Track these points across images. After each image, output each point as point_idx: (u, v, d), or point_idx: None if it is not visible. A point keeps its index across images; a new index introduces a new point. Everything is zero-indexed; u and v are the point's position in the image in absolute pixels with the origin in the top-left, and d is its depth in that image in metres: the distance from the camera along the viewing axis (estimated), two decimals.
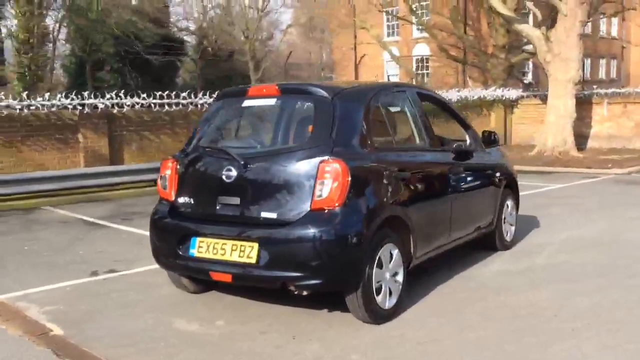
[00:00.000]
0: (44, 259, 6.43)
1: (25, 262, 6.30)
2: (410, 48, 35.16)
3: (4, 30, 30.57)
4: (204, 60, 43.58)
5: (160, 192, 4.68)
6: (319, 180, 3.99)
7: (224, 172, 4.29)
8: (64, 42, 35.35)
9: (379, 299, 4.22)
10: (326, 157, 4.03)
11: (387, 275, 4.31)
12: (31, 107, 11.31)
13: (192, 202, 4.48)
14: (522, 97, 20.32)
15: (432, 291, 4.98)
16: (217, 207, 4.32)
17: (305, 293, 4.22)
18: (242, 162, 4.23)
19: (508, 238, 6.48)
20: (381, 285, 4.26)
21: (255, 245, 4.05)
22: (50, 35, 32.33)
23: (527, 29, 17.55)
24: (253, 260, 4.04)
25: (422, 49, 34.07)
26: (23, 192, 10.48)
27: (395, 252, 4.39)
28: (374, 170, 4.29)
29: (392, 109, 5.14)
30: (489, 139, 5.99)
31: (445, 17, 24.81)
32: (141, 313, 4.60)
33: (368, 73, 35.77)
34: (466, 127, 6.01)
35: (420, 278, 5.18)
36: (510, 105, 20.12)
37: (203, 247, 4.26)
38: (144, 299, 4.93)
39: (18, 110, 11.11)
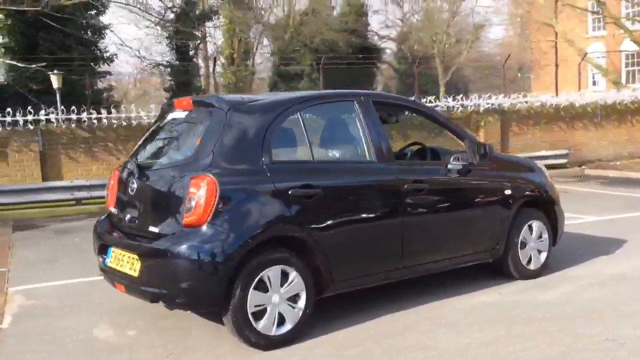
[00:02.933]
0: None
1: None
2: (618, 43, 31.39)
3: (211, 48, 34.25)
4: (403, 65, 44.09)
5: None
6: (189, 195, 3.90)
7: (129, 185, 4.42)
8: (267, 55, 38.43)
9: (260, 323, 3.96)
10: (198, 173, 3.92)
11: (276, 299, 4.02)
12: None
13: (115, 212, 4.67)
14: None
15: (371, 320, 4.50)
16: (126, 219, 4.46)
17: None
18: (140, 176, 4.32)
19: (532, 266, 5.54)
20: (265, 309, 3.99)
21: (137, 258, 4.09)
22: (251, 52, 35.52)
23: None
24: (135, 274, 4.09)
25: (632, 44, 30.10)
26: None
27: (293, 275, 4.08)
28: (263, 186, 4.02)
29: (326, 122, 4.78)
30: (479, 152, 5.18)
31: None
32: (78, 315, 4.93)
33: (568, 71, 32.70)
34: (461, 137, 5.30)
35: (376, 303, 4.74)
36: None
37: (113, 258, 4.41)
38: (95, 304, 5.23)
39: None
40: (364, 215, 4.45)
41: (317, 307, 4.28)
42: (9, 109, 11.67)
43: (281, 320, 4.06)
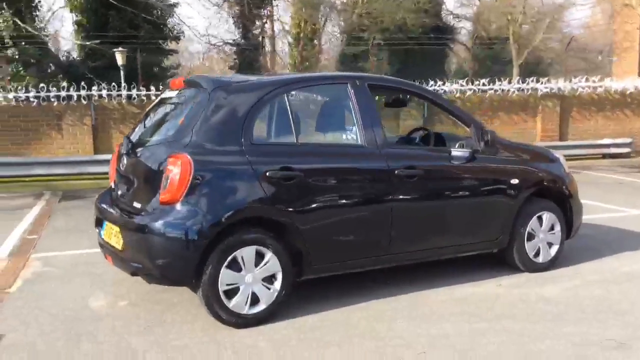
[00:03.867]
0: None
1: None
2: None
3: (278, 28, 34.45)
4: (478, 46, 42.77)
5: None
6: (165, 174, 3.98)
7: (122, 162, 4.57)
8: (336, 34, 38.20)
9: (232, 302, 4.02)
10: (175, 151, 3.99)
11: (250, 279, 4.06)
12: None
13: (113, 187, 4.84)
14: None
15: (351, 305, 4.48)
16: (119, 194, 4.61)
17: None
18: (130, 153, 4.44)
19: (540, 258, 5.32)
20: (238, 288, 4.05)
21: (119, 232, 4.23)
22: (318, 31, 35.41)
23: None
24: (119, 247, 4.23)
25: None
26: None
27: (269, 256, 4.10)
28: (240, 167, 4.04)
29: (319, 103, 4.72)
30: (483, 139, 4.98)
31: None
32: (81, 284, 5.16)
33: None
34: (466, 123, 5.11)
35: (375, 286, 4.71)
36: None
37: (106, 231, 4.58)
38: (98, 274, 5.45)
39: None
40: (348, 201, 4.39)
41: (302, 289, 4.29)
42: (64, 84, 12.26)
43: (255, 300, 4.10)
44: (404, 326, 4.07)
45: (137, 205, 4.24)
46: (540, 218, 5.30)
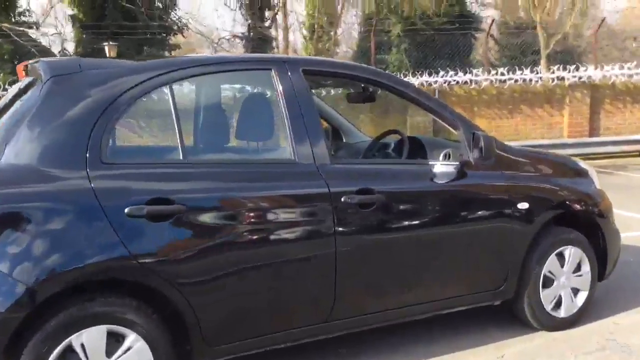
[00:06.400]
0: None
1: None
2: None
3: (292, 19, 33.03)
4: (504, 34, 40.70)
5: None
6: None
7: None
8: (354, 25, 36.60)
9: None
10: None
11: None
12: None
13: None
14: None
15: None
16: None
17: None
18: None
19: (562, 311, 3.82)
20: None
21: None
22: (335, 22, 33.87)
23: None
24: None
25: None
26: None
27: (131, 339, 2.66)
28: (80, 202, 2.59)
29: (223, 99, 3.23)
30: (476, 146, 3.47)
31: None
32: None
33: None
34: (452, 123, 3.61)
35: None
36: None
37: None
38: None
39: None
40: (263, 245, 2.94)
41: None
42: None
43: None
44: None
45: None
46: (561, 255, 3.83)
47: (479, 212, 3.51)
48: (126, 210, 2.63)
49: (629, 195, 8.40)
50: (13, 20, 20.28)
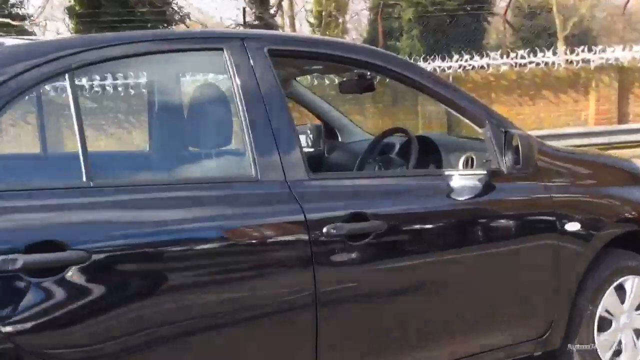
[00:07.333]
0: None
1: None
2: None
3: (298, 7, 32.15)
4: (518, 17, 39.48)
5: None
6: None
7: None
8: (364, 10, 35.62)
9: None
10: None
11: None
12: None
13: None
14: None
15: None
16: None
17: None
18: None
19: None
20: None
21: None
22: (343, 8, 32.95)
23: None
24: None
25: None
26: None
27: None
28: None
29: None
30: (509, 149, 2.55)
31: None
32: None
33: None
34: (475, 118, 2.69)
35: None
36: None
37: None
38: None
39: None
40: (196, 308, 2.03)
41: None
42: None
43: None
44: None
45: None
46: (621, 288, 2.93)
47: (514, 240, 2.61)
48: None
49: None
50: (6, 12, 19.72)
